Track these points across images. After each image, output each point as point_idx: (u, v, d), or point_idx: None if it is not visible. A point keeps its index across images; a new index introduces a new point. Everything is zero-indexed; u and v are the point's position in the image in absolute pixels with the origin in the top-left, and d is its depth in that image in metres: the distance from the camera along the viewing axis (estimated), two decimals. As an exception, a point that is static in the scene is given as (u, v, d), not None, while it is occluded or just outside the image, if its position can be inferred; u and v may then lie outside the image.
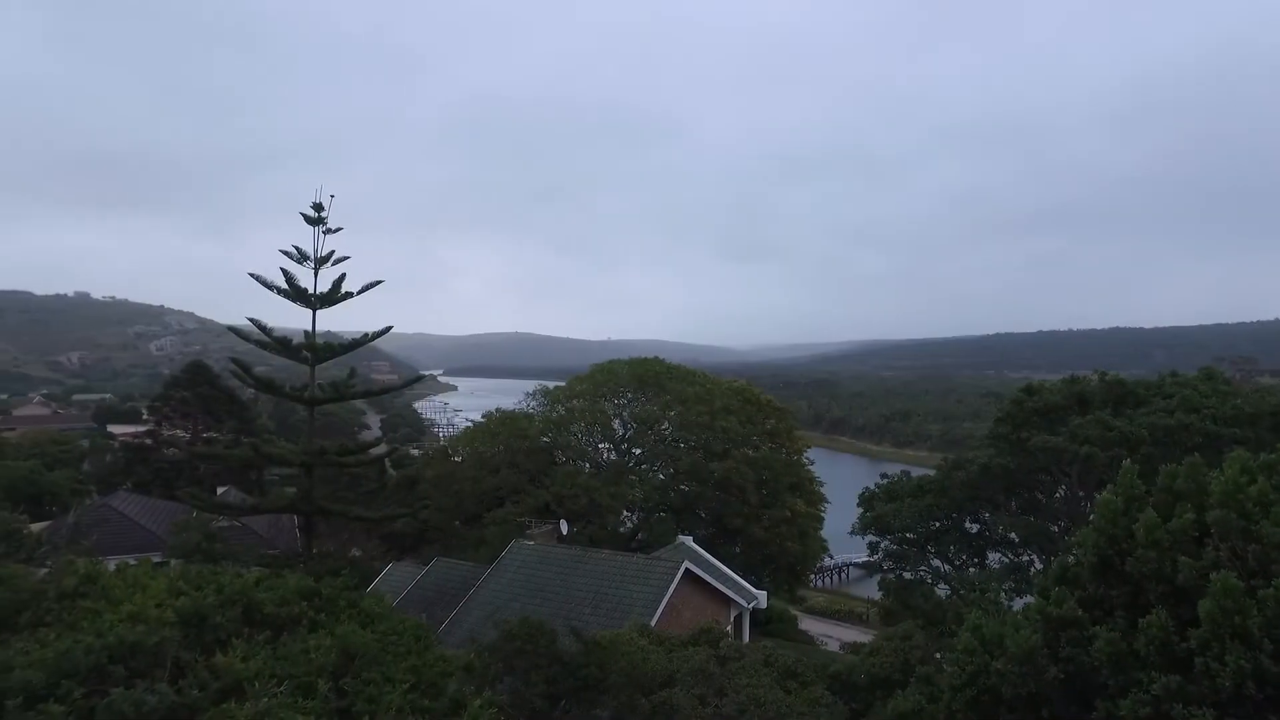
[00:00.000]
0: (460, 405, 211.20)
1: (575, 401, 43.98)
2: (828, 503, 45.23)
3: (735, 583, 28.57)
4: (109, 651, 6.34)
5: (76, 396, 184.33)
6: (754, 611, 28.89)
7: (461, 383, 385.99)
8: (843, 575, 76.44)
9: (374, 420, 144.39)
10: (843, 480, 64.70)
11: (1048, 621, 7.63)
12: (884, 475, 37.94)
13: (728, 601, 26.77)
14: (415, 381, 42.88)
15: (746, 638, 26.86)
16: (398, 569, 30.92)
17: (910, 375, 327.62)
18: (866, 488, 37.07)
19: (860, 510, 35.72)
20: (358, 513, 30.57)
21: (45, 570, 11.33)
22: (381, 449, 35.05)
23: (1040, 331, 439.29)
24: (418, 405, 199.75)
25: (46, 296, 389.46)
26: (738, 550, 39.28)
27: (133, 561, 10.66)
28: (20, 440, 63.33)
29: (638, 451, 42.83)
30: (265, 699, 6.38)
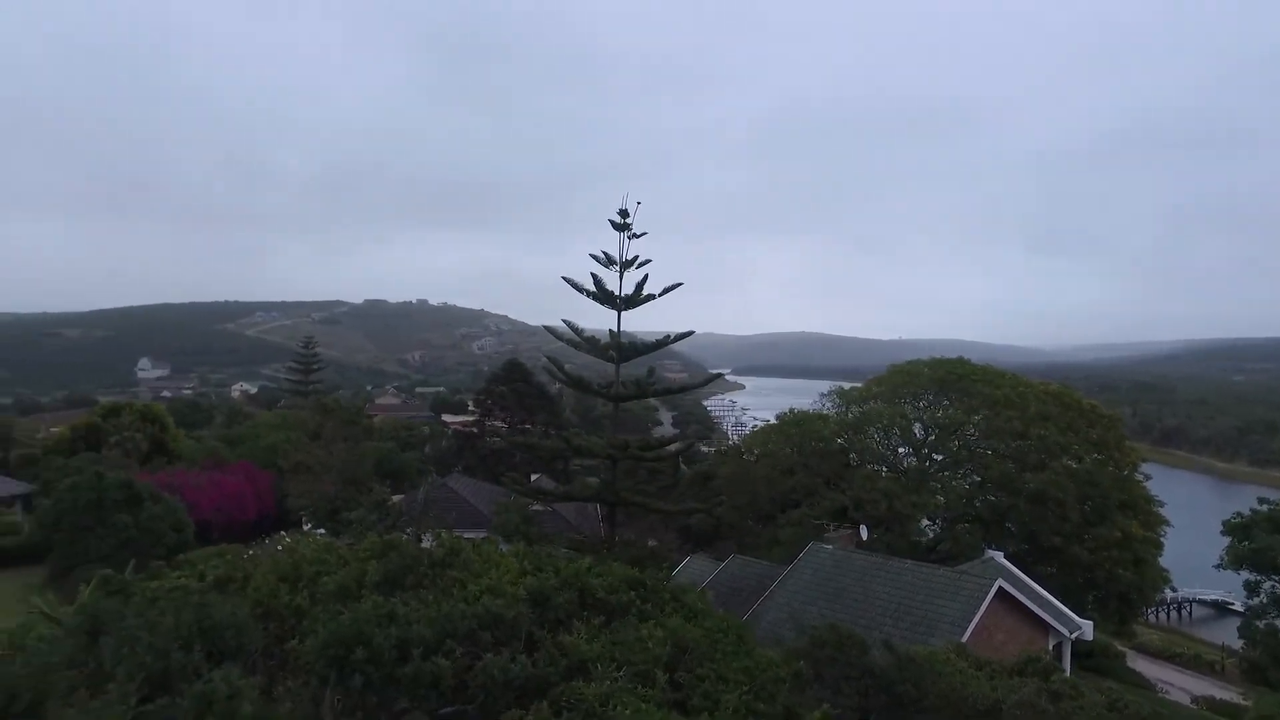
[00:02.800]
0: (748, 404, 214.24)
1: (872, 403, 42.39)
2: (1168, 525, 39.19)
3: (1055, 608, 25.75)
4: (479, 619, 7.04)
5: (418, 390, 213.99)
6: (1074, 642, 25.82)
7: (749, 381, 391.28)
8: (1183, 612, 66.29)
9: (665, 417, 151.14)
10: (1183, 501, 55.92)
11: None
12: (1263, 501, 31.95)
13: (1046, 628, 24.19)
14: (711, 380, 43.89)
15: (1068, 671, 24.05)
16: (695, 562, 31.86)
17: (1273, 380, 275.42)
18: (1238, 514, 31.45)
19: (1230, 540, 30.33)
20: (657, 505, 31.89)
21: (407, 537, 13.11)
22: (678, 445, 36.37)
23: None
24: (707, 403, 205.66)
25: (396, 304, 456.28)
26: (1053, 571, 35.40)
27: (476, 537, 11.94)
28: (381, 425, 74.63)
29: (939, 458, 40.24)
30: (608, 682, 6.69)
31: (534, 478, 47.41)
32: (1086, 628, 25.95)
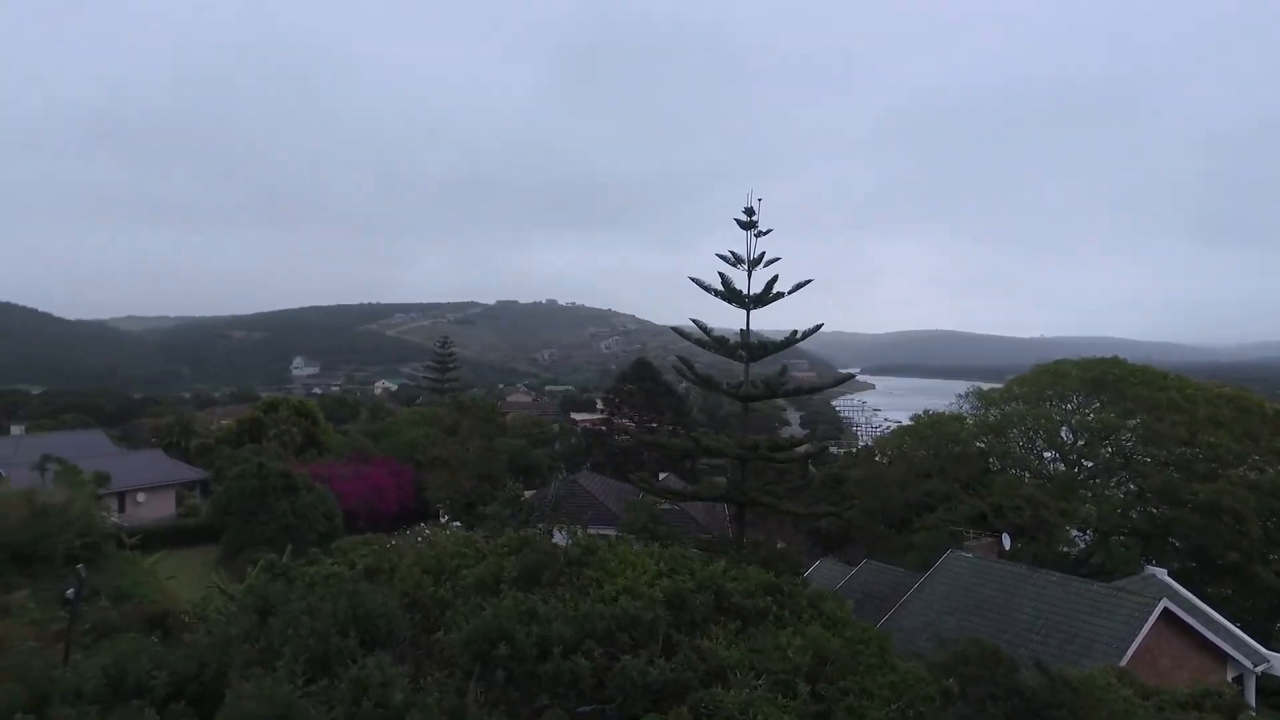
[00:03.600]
0: (878, 404, 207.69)
1: (1013, 405, 40.04)
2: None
3: (1233, 635, 23.47)
4: (617, 620, 7.05)
5: (548, 387, 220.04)
6: (1259, 678, 23.38)
7: (879, 381, 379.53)
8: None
9: (793, 417, 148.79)
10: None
11: None
12: None
13: (1223, 658, 22.05)
14: (842, 381, 42.74)
15: (1253, 710, 21.85)
16: (825, 565, 31.12)
17: None
18: None
19: None
20: (786, 506, 31.34)
21: (539, 533, 13.39)
22: (808, 447, 35.62)
23: None
24: (836, 403, 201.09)
25: (527, 304, 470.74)
26: (1229, 594, 32.30)
27: (605, 535, 12.03)
28: (513, 422, 77.06)
29: (1089, 464, 37.53)
30: (747, 690, 6.54)
31: (662, 476, 47.62)
32: (1276, 661, 23.48)
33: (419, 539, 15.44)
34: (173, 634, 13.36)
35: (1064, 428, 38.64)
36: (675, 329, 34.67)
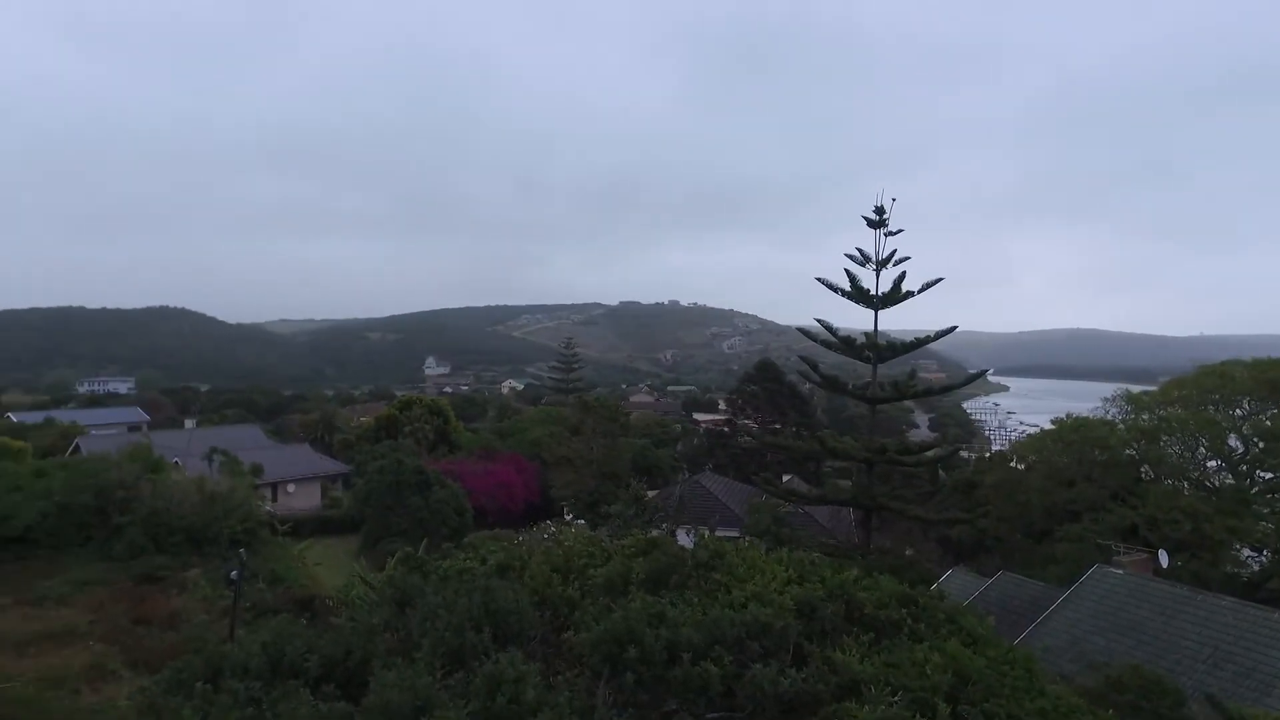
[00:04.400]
0: (1013, 407, 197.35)
1: (1170, 409, 36.93)
2: None
3: None
4: (747, 627, 6.93)
5: (670, 388, 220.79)
6: None
7: (1014, 383, 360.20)
8: None
9: (921, 419, 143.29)
10: None
11: None
12: None
13: None
14: (973, 380, 40.85)
15: None
16: (956, 575, 29.73)
17: None
18: None
19: None
20: (916, 512, 30.25)
21: (662, 533, 13.38)
22: (939, 451, 34.22)
23: None
24: (967, 405, 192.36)
25: (649, 305, 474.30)
26: None
27: (728, 536, 11.87)
28: (635, 422, 77.76)
29: (1266, 476, 34.15)
30: (883, 706, 6.28)
31: (786, 479, 46.87)
32: None
33: (546, 536, 15.77)
34: (319, 617, 14.23)
35: (1232, 435, 35.34)
36: (800, 329, 34.07)
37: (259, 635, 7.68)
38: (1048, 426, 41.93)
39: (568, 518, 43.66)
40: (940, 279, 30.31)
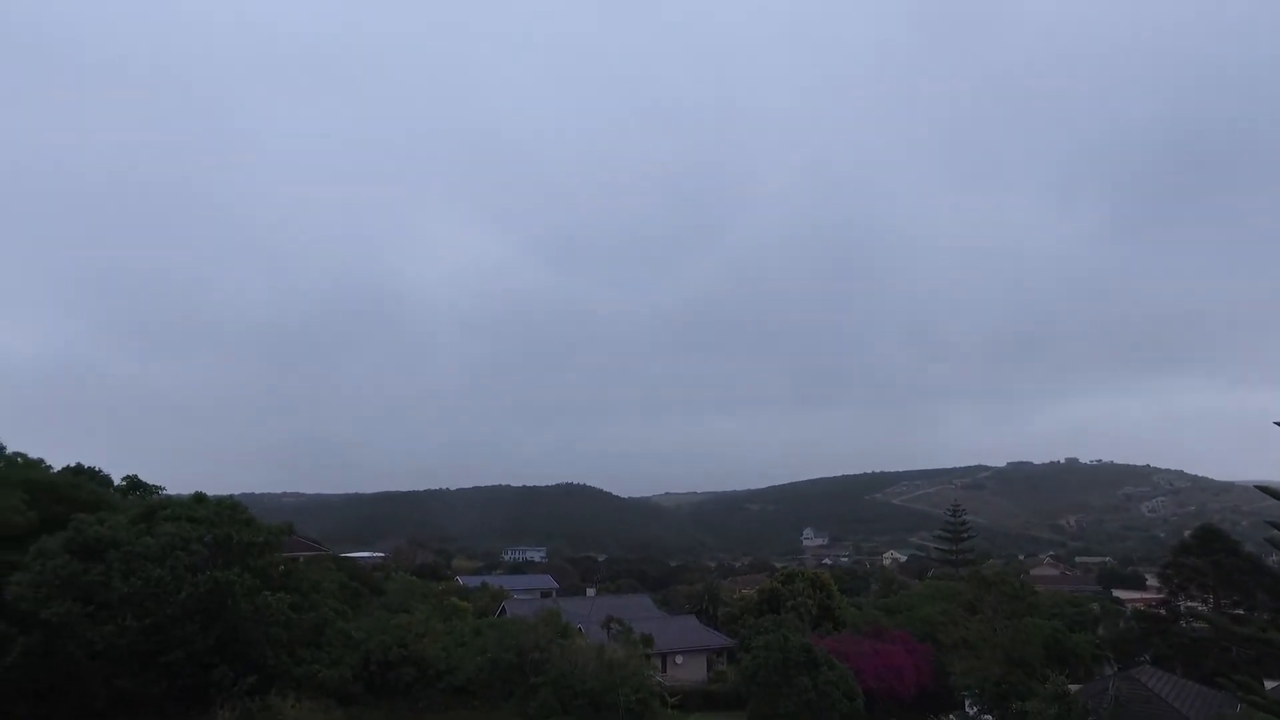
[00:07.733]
0: None
1: None
2: None
3: None
4: None
5: (1078, 559, 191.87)
6: None
7: None
8: None
9: None
10: None
11: None
12: None
13: None
14: None
15: None
16: None
17: None
18: None
19: None
20: None
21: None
22: None
23: None
24: None
25: (1042, 464, 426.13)
26: None
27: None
28: (1042, 599, 68.01)
29: None
30: None
31: (1271, 685, 36.71)
32: None
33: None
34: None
35: None
36: (1261, 487, 27.57)
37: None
38: None
39: (970, 710, 38.53)
40: None
